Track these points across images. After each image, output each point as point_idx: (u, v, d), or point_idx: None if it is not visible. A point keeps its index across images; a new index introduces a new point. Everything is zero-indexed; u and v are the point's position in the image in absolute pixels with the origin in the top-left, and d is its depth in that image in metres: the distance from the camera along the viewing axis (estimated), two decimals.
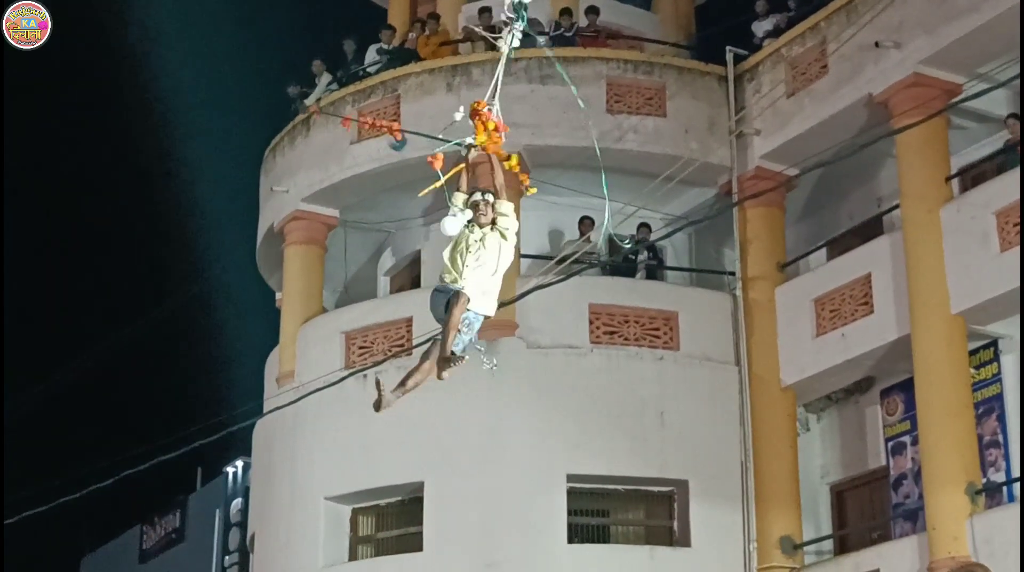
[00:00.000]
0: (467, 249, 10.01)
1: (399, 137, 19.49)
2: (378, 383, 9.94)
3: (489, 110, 10.07)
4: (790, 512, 20.43)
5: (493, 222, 10.12)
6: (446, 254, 10.09)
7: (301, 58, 24.69)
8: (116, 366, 37.34)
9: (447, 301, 9.90)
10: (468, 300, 9.87)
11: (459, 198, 10.19)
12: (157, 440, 21.37)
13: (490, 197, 10.10)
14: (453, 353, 9.74)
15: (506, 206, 10.12)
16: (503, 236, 10.12)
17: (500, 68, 10.03)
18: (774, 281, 21.29)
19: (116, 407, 42.10)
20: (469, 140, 10.15)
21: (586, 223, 21.60)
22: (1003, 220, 18.09)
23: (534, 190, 10.71)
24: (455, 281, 9.92)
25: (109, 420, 41.17)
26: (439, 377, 9.88)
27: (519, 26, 9.90)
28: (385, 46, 23.75)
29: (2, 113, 33.26)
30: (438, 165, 10.11)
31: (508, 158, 10.20)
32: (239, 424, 20.78)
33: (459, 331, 9.85)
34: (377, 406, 9.99)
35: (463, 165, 10.27)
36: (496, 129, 10.09)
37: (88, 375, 35.35)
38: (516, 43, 9.99)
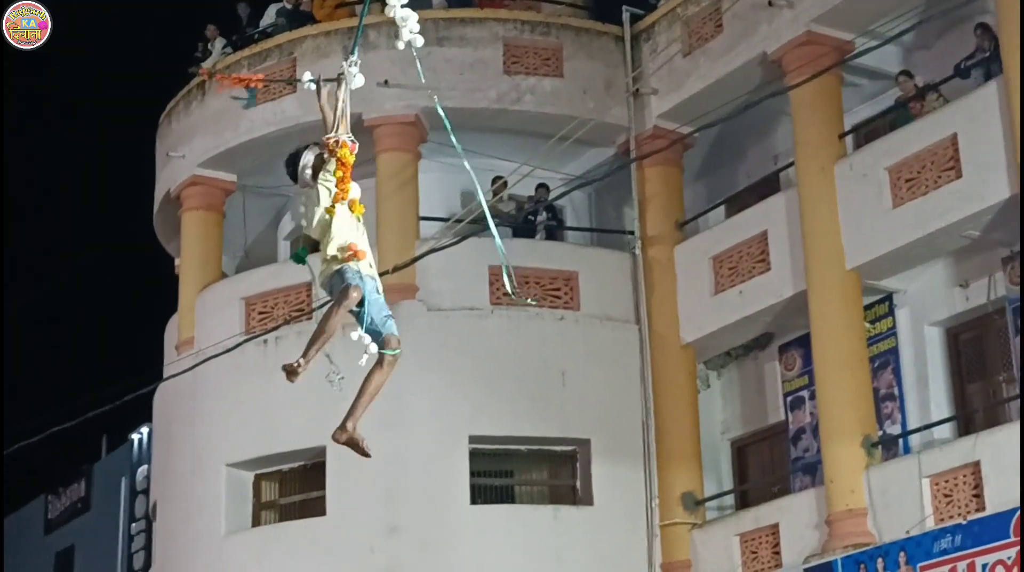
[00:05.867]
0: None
1: (259, 87, 19.26)
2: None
3: (346, 142, 9.06)
4: (691, 468, 20.60)
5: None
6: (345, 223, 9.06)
7: (196, 22, 24.52)
8: (19, 334, 36.99)
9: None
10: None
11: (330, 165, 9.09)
12: (54, 409, 21.19)
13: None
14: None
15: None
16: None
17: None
18: (673, 240, 21.41)
19: (15, 377, 41.68)
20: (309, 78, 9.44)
21: (499, 183, 21.65)
22: (895, 176, 18.29)
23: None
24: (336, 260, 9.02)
25: (8, 390, 40.78)
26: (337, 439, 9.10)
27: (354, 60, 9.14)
28: (287, 6, 23.56)
29: (1, 112, 32.75)
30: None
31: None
32: (138, 392, 20.61)
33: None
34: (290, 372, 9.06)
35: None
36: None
37: None
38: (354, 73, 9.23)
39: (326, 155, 9.15)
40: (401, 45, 9.40)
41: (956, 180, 17.52)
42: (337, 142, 9.11)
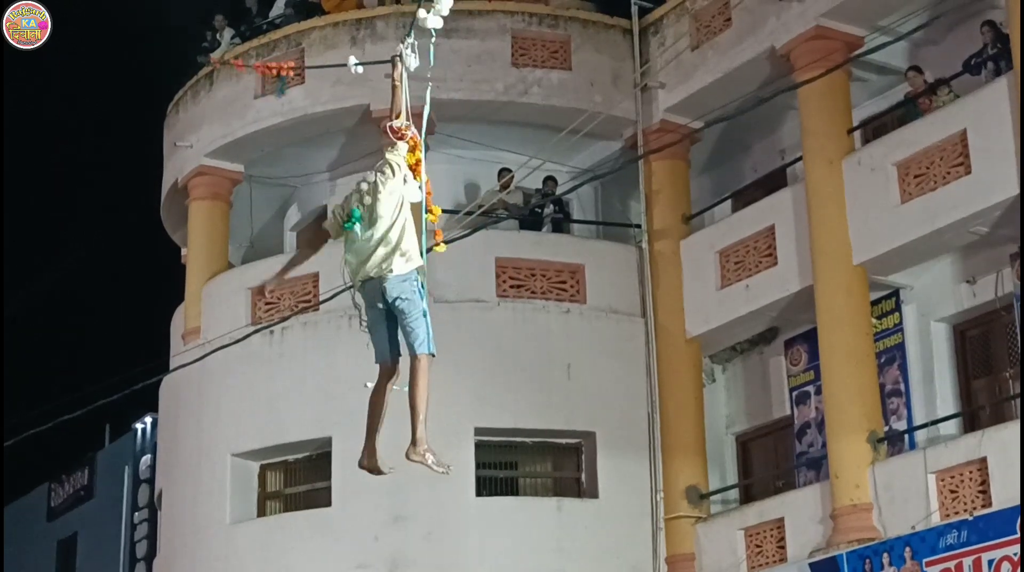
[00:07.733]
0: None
1: (291, 75, 19.32)
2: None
3: (409, 128, 9.26)
4: (696, 462, 20.61)
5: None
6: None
7: (205, 11, 24.50)
8: (24, 323, 37.00)
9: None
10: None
11: (401, 147, 9.16)
12: (62, 398, 21.17)
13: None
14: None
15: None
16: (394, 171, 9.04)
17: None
18: (679, 233, 21.40)
19: (20, 365, 41.70)
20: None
21: (507, 178, 21.64)
22: (903, 171, 18.27)
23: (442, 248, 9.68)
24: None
25: (14, 379, 40.80)
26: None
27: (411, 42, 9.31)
28: None
29: (1, 112, 32.66)
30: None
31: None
32: (144, 382, 20.60)
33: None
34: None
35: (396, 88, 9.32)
36: (415, 147, 9.28)
37: None
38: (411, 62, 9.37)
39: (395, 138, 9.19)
40: (429, 23, 9.43)
41: (965, 176, 17.49)
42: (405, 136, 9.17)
